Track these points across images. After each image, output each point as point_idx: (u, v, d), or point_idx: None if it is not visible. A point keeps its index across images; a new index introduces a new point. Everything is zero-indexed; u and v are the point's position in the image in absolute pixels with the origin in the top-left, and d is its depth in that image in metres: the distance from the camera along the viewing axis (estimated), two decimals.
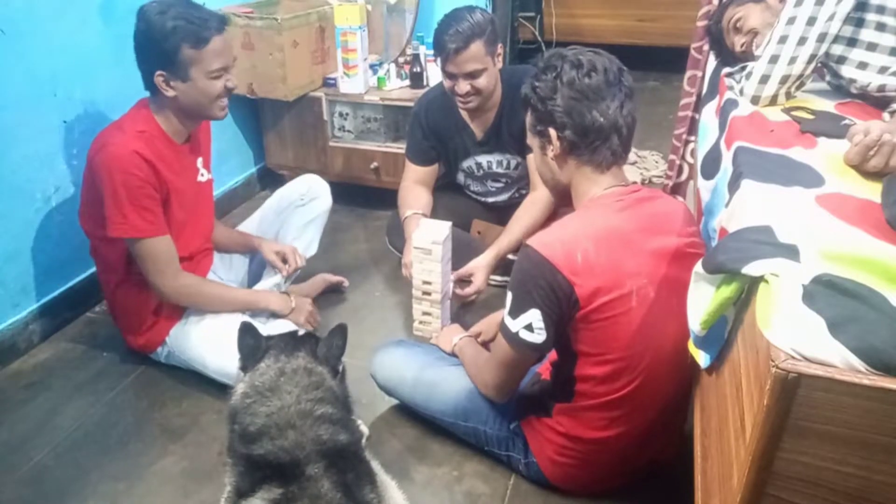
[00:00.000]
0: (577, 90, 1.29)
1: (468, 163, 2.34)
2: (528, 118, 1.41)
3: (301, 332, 1.44)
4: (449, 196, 2.41)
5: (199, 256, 2.00)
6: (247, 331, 1.38)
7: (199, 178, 1.95)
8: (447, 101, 2.21)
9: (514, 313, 1.32)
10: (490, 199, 2.44)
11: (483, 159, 2.31)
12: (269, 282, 2.08)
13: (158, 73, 1.69)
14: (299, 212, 2.20)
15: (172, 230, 1.83)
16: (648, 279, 1.29)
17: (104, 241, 1.80)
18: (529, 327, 1.31)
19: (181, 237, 1.87)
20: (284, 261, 2.06)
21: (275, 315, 1.97)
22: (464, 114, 2.23)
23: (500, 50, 2.12)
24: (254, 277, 2.19)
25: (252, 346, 1.36)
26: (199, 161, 1.95)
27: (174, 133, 1.81)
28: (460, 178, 2.41)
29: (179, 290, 1.81)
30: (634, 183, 1.41)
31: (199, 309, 1.88)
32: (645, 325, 1.30)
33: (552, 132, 1.34)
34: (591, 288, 1.26)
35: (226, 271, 2.11)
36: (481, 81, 2.07)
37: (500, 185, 2.38)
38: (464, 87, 2.07)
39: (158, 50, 1.65)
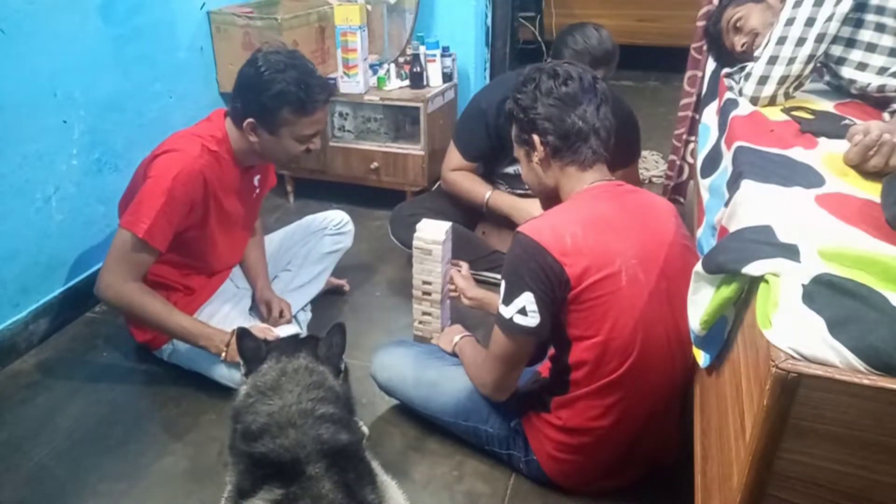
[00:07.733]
0: (556, 97, 1.40)
1: (514, 167, 2.30)
2: (514, 130, 1.49)
3: (303, 335, 1.44)
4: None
5: (225, 272, 1.99)
6: (245, 335, 1.38)
7: (253, 195, 1.98)
8: None
9: (508, 299, 1.36)
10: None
11: None
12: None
13: (250, 119, 1.70)
14: (327, 239, 2.23)
15: (205, 246, 1.84)
16: (637, 260, 1.33)
17: None
18: (523, 311, 1.34)
19: (214, 252, 1.88)
20: (269, 310, 1.98)
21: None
22: None
23: None
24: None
25: (254, 349, 1.36)
26: (257, 179, 1.97)
27: (242, 157, 1.82)
28: (500, 184, 2.40)
29: (120, 293, 1.69)
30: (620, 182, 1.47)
31: (134, 320, 1.82)
32: (634, 307, 1.33)
33: (535, 138, 1.42)
34: (580, 267, 1.30)
35: (241, 279, 2.08)
36: None
37: None
38: None
39: (260, 102, 1.67)
